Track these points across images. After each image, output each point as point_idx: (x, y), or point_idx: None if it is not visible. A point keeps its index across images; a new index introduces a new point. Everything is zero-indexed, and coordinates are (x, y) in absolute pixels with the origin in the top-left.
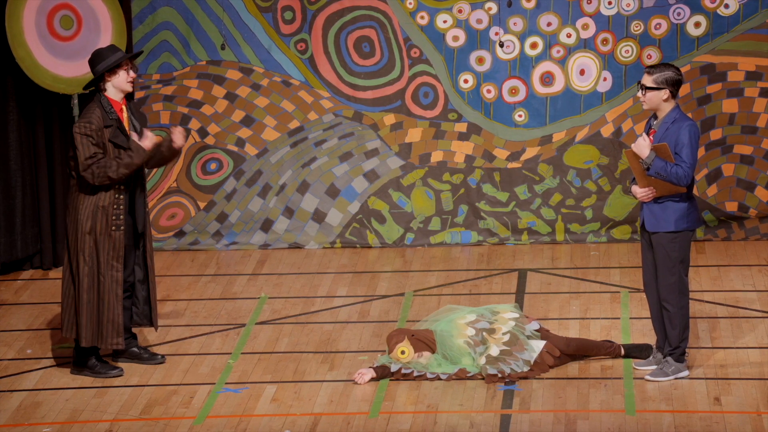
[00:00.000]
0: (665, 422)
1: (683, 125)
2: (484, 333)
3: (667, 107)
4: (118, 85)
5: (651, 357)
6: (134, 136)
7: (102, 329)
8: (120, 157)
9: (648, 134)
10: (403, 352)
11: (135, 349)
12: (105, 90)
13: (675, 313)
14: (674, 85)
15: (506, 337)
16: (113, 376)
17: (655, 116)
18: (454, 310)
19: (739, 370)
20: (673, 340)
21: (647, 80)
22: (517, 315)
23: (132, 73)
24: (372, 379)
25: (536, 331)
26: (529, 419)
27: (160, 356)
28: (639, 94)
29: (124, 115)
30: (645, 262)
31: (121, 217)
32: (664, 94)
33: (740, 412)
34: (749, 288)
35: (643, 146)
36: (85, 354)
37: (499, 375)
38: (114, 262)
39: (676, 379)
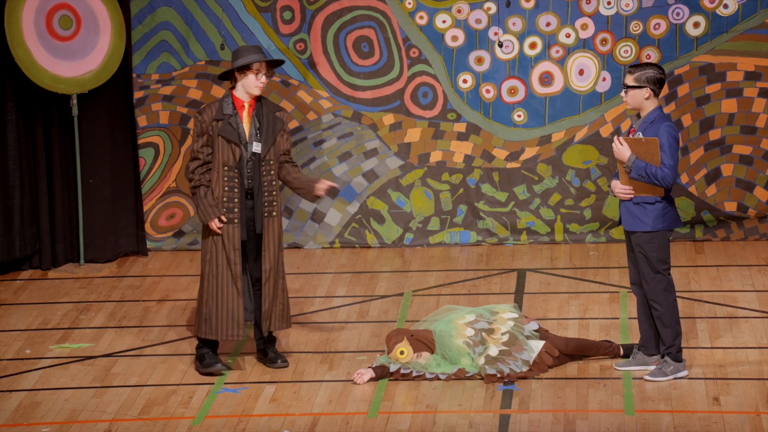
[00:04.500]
0: (664, 422)
1: (661, 126)
2: (483, 333)
3: (649, 106)
4: (246, 86)
5: (631, 357)
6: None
7: (218, 321)
8: (208, 195)
9: (629, 134)
10: (402, 353)
11: (263, 348)
12: (234, 87)
13: (663, 312)
14: (655, 84)
15: (505, 338)
16: (217, 371)
17: (638, 116)
18: (453, 310)
19: (738, 370)
20: (666, 338)
21: (629, 79)
22: (516, 315)
23: (264, 78)
24: (371, 379)
25: (535, 331)
26: (528, 419)
27: (280, 360)
28: (622, 93)
29: (244, 113)
30: (630, 261)
31: (236, 210)
32: (646, 92)
33: (739, 412)
34: (748, 288)
35: (622, 150)
36: (201, 344)
37: (498, 375)
38: (231, 255)
39: (675, 379)
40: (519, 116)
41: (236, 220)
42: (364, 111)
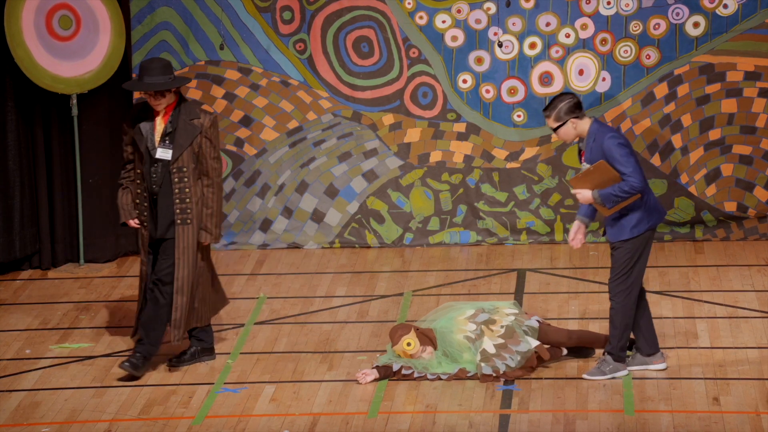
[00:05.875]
0: (664, 422)
1: (603, 140)
2: (483, 326)
3: (584, 127)
4: None
5: (630, 358)
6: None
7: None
8: (123, 196)
9: (579, 157)
10: (409, 344)
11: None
12: None
13: (617, 311)
14: (573, 111)
15: (503, 330)
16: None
17: (581, 139)
18: (453, 307)
19: (737, 370)
20: (613, 339)
21: (549, 123)
22: (516, 311)
23: (153, 101)
24: (375, 380)
25: (536, 326)
26: (528, 419)
27: (207, 355)
28: (553, 136)
29: (159, 119)
30: None
31: (145, 213)
32: (570, 124)
33: (739, 412)
34: (748, 288)
35: (583, 195)
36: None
37: (494, 374)
38: (142, 257)
39: (612, 378)
40: (519, 116)
41: (145, 224)
42: (363, 111)
